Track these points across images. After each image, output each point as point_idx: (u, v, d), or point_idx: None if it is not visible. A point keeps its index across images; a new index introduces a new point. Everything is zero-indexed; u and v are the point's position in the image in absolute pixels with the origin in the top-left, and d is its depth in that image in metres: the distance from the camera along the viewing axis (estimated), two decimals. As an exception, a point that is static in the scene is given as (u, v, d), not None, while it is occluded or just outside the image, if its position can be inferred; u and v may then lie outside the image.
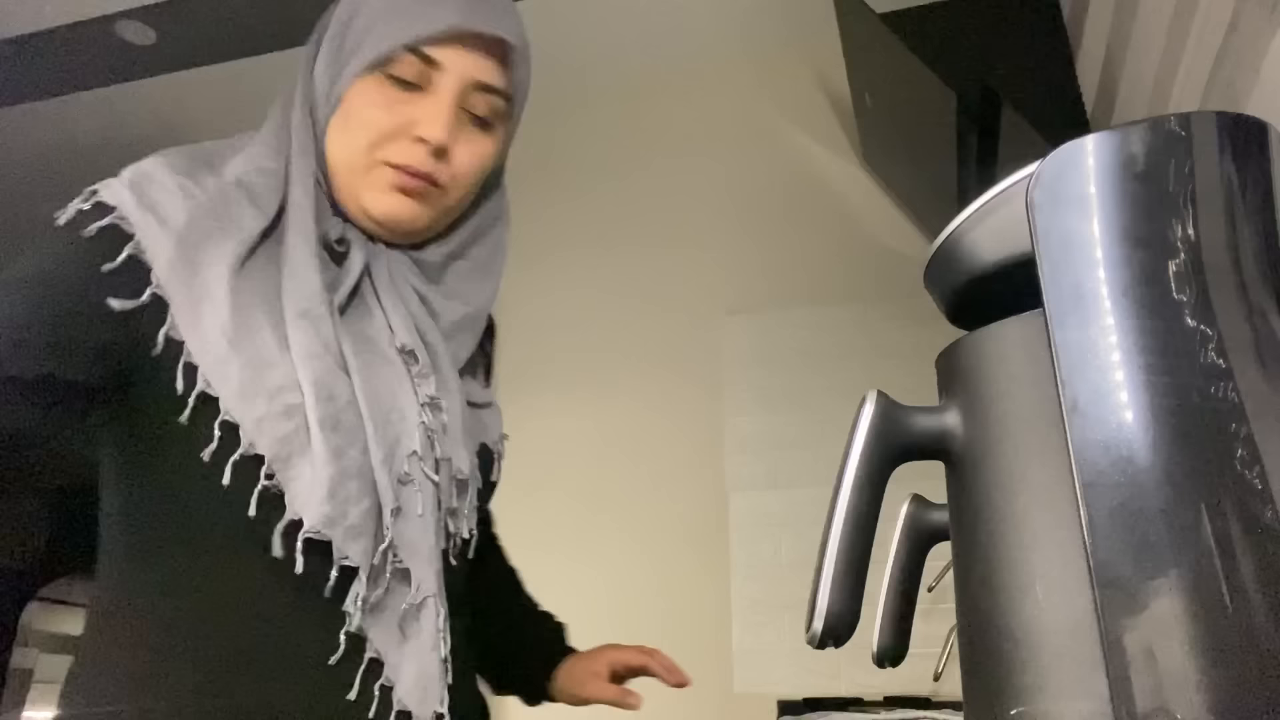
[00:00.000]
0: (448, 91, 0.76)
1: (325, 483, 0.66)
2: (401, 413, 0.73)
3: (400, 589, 0.70)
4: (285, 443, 0.67)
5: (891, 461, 0.56)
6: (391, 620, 0.70)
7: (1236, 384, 0.46)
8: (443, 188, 0.78)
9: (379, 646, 0.69)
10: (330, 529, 0.66)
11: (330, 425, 0.68)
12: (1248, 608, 0.43)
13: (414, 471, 0.72)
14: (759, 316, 2.29)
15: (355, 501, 0.68)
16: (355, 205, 0.77)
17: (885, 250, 2.22)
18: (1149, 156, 0.50)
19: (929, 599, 1.80)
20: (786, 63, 2.45)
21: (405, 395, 0.73)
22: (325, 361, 0.69)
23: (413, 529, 0.71)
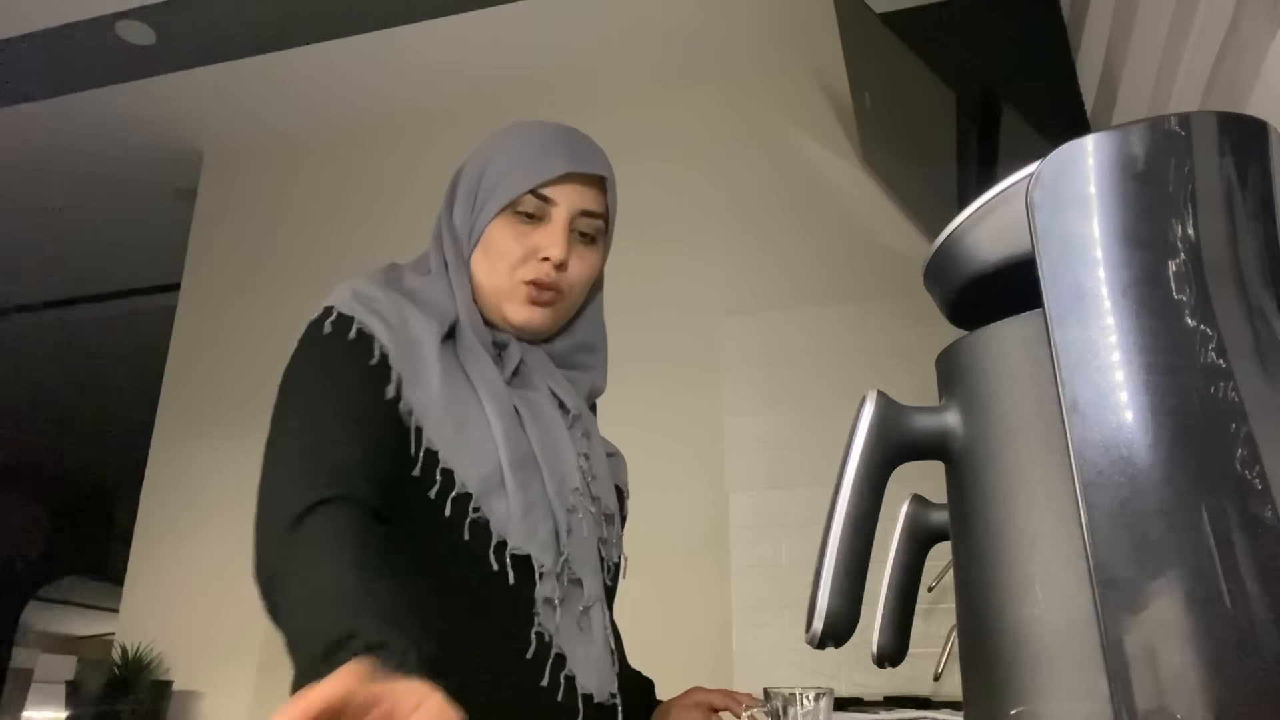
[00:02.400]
0: (561, 220, 0.96)
1: (519, 508, 0.85)
2: (565, 459, 0.92)
3: (575, 594, 0.87)
4: (486, 481, 0.85)
5: (891, 461, 0.56)
6: (570, 621, 0.86)
7: (1236, 384, 0.46)
8: (563, 294, 0.97)
9: (561, 643, 0.85)
10: (528, 544, 0.85)
11: (517, 466, 0.87)
12: (1248, 608, 0.43)
13: (577, 503, 0.91)
14: (759, 316, 2.29)
15: (542, 523, 0.87)
16: (499, 316, 0.96)
17: (885, 250, 2.22)
18: (1149, 156, 0.50)
19: (929, 599, 1.80)
20: (787, 63, 2.45)
21: (566, 446, 0.93)
22: (509, 420, 0.89)
23: (581, 547, 0.89)
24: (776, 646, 2.04)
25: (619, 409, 2.26)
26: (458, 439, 0.86)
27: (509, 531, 0.84)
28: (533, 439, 0.90)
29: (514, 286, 0.95)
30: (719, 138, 2.47)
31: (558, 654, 0.85)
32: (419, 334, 0.89)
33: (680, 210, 2.44)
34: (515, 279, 0.95)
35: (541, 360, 0.99)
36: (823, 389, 2.17)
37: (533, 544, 0.85)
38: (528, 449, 0.89)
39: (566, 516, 0.89)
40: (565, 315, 1.00)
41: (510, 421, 0.89)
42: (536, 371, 0.97)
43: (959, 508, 0.56)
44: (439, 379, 0.87)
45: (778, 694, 0.89)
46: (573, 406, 0.97)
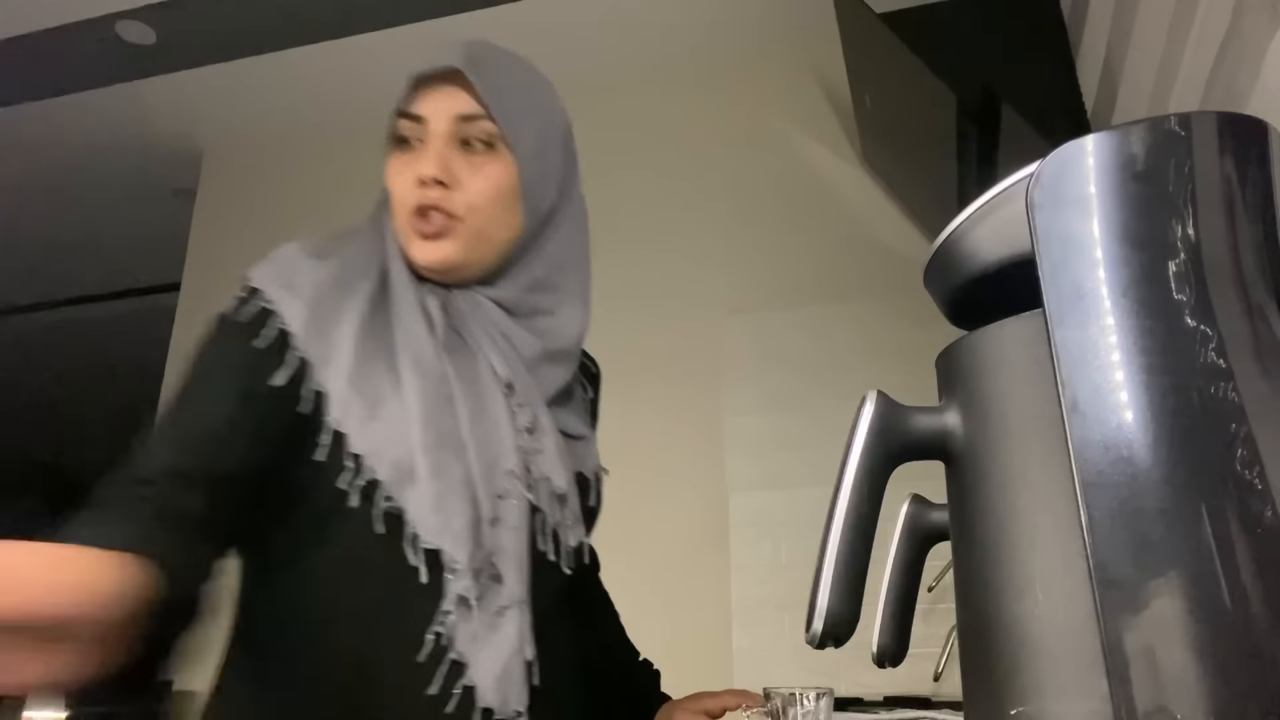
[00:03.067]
0: (437, 134, 0.84)
1: (431, 497, 0.76)
2: (500, 437, 0.82)
3: (493, 593, 0.78)
4: (398, 467, 0.76)
5: (891, 461, 0.56)
6: (483, 623, 0.77)
7: (1236, 384, 0.46)
8: (461, 218, 0.84)
9: (464, 648, 0.75)
10: (439, 537, 0.75)
11: (433, 447, 0.77)
12: (1248, 608, 0.43)
13: (509, 487, 0.80)
14: (759, 316, 2.29)
15: (459, 514, 0.76)
16: (412, 263, 0.86)
17: (885, 250, 2.22)
18: (1149, 156, 0.50)
19: (929, 599, 1.80)
20: (787, 63, 2.45)
21: (504, 423, 0.82)
22: (433, 394, 0.79)
23: (507, 539, 0.79)
24: (776, 646, 2.04)
25: (619, 409, 2.26)
26: (370, 419, 0.77)
27: (420, 523, 0.75)
28: (461, 415, 0.80)
29: (407, 223, 0.84)
30: (719, 138, 2.47)
31: (455, 661, 0.75)
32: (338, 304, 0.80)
33: (680, 210, 2.44)
34: (406, 214, 0.84)
35: (487, 310, 0.87)
36: (823, 389, 2.17)
37: (445, 537, 0.75)
38: (452, 427, 0.79)
39: (493, 504, 0.79)
40: (482, 246, 0.86)
41: (435, 395, 0.79)
42: (480, 330, 0.86)
43: (959, 508, 0.56)
44: (353, 353, 0.78)
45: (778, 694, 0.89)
46: (506, 375, 0.84)
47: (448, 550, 0.75)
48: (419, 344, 0.81)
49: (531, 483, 0.83)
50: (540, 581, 0.81)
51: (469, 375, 0.82)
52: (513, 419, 0.83)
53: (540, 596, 0.81)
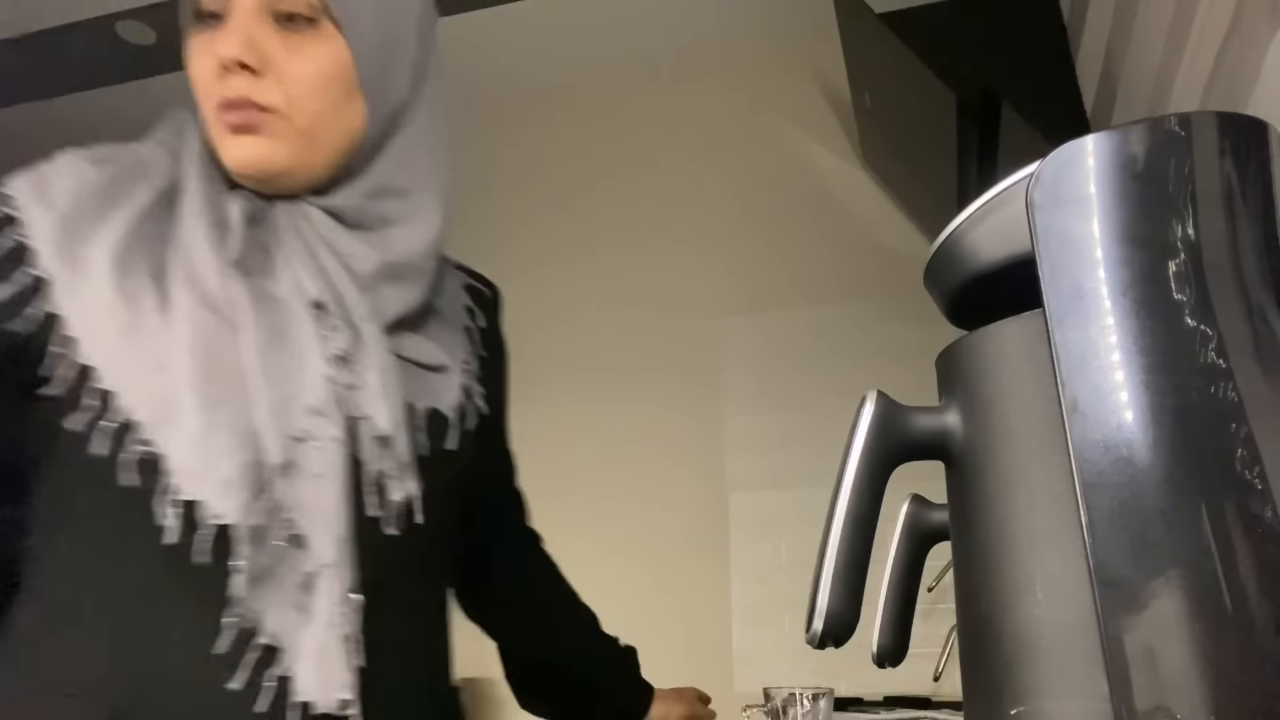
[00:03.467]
0: (243, 6, 0.69)
1: (189, 435, 0.62)
2: (303, 368, 0.68)
3: (293, 559, 0.64)
4: (160, 405, 0.63)
5: (891, 461, 0.56)
6: (285, 596, 0.64)
7: (1236, 384, 0.46)
8: (280, 112, 0.69)
9: (273, 630, 0.63)
10: (195, 485, 0.62)
11: (204, 379, 0.64)
12: (1248, 608, 0.43)
13: (314, 428, 0.67)
14: (759, 317, 2.29)
15: (228, 455, 0.63)
16: (222, 165, 0.71)
17: (885, 250, 2.22)
18: (1149, 156, 0.50)
19: (929, 599, 1.80)
20: (786, 63, 2.45)
21: (310, 350, 0.69)
22: (206, 318, 0.66)
23: (310, 491, 0.65)
24: (776, 646, 2.04)
25: (619, 409, 2.27)
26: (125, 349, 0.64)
27: (176, 468, 0.62)
28: (246, 344, 0.66)
29: (214, 118, 0.70)
30: (719, 138, 2.47)
31: (267, 646, 0.62)
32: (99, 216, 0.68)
33: (680, 210, 2.44)
34: (212, 107, 0.70)
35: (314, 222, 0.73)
36: (823, 389, 2.17)
37: (205, 484, 0.62)
38: (232, 358, 0.66)
39: (285, 446, 0.65)
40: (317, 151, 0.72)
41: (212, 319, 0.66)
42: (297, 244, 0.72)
43: (959, 508, 0.56)
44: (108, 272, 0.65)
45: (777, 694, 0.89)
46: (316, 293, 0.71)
47: (209, 501, 0.62)
48: (197, 259, 0.67)
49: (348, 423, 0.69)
50: (366, 544, 0.68)
51: (266, 296, 0.69)
52: (322, 346, 0.69)
53: (367, 562, 0.67)
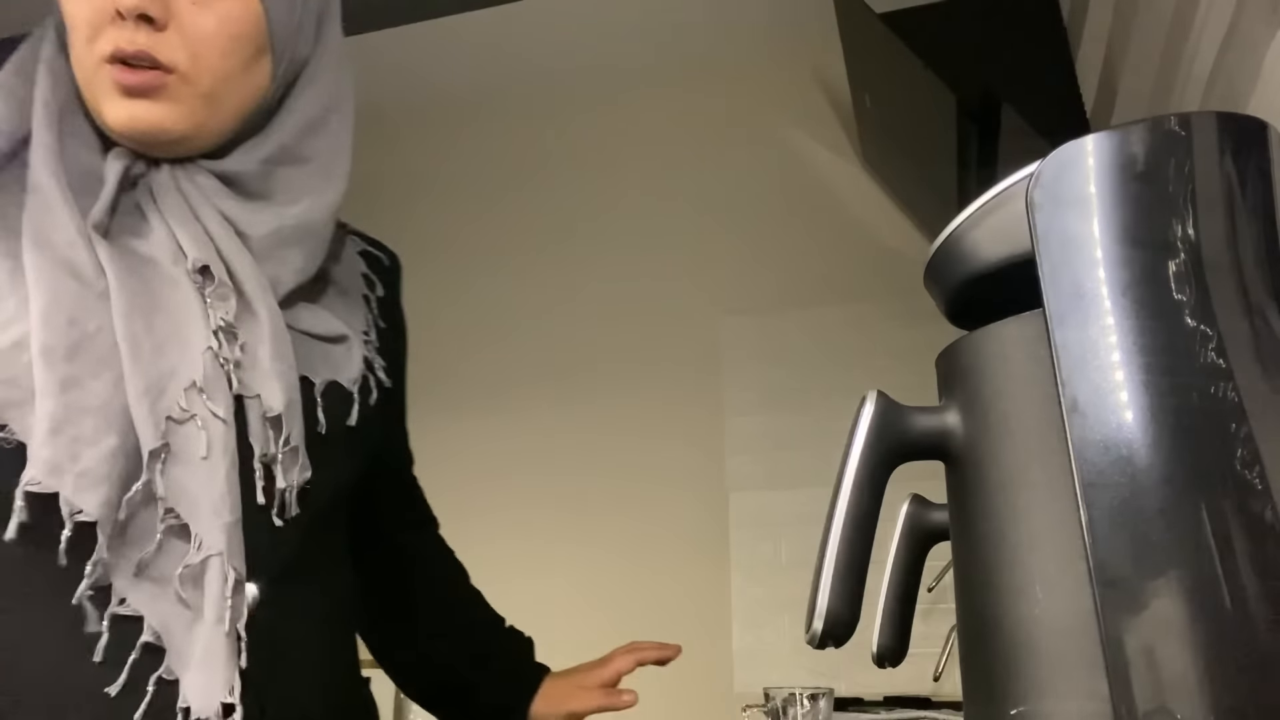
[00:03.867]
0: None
1: (46, 420, 0.56)
2: (184, 340, 0.62)
3: (178, 550, 0.59)
4: (16, 384, 0.57)
5: (891, 461, 0.56)
6: (167, 591, 0.58)
7: (1236, 384, 0.46)
8: (181, 73, 0.62)
9: (159, 629, 0.58)
10: (54, 477, 0.55)
11: (62, 355, 0.57)
12: (1248, 608, 0.43)
13: (194, 407, 0.60)
14: (759, 316, 2.29)
15: (91, 442, 0.57)
16: (102, 123, 0.64)
17: (885, 250, 2.22)
18: (1149, 156, 0.50)
19: (929, 599, 1.80)
20: (786, 63, 2.45)
21: (191, 320, 0.62)
22: (66, 285, 0.59)
23: (192, 476, 0.60)
24: (776, 646, 2.04)
25: (619, 409, 2.27)
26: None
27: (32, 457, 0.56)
28: (118, 313, 0.59)
29: (96, 71, 0.62)
30: (718, 137, 2.47)
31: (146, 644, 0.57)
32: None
33: (679, 210, 2.44)
34: (94, 58, 0.62)
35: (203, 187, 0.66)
36: (823, 389, 2.17)
37: (65, 476, 0.55)
38: (99, 327, 0.59)
39: (162, 429, 0.59)
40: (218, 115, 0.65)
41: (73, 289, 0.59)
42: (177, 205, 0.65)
43: (959, 508, 0.56)
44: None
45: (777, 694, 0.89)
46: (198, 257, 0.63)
47: (67, 495, 0.56)
48: (52, 222, 0.60)
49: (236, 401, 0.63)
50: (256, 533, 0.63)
51: (140, 262, 0.62)
52: (206, 316, 0.63)
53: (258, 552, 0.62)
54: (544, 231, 2.45)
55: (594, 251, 2.42)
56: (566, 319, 2.37)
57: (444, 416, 2.34)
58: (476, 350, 2.39)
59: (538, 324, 2.38)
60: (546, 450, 2.29)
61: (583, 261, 2.41)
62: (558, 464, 2.27)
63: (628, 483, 2.24)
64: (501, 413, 2.33)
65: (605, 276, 2.38)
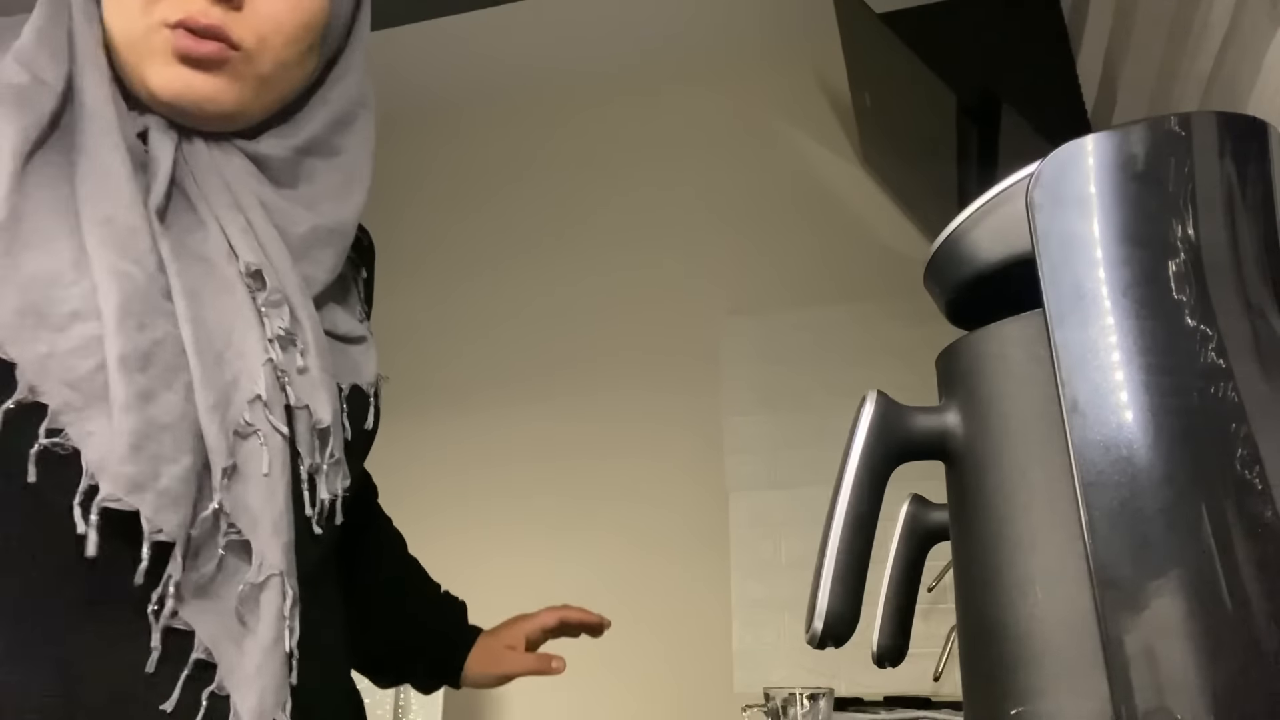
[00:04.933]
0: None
1: (127, 435, 0.52)
2: (241, 349, 0.59)
3: (237, 568, 0.57)
4: (79, 387, 0.53)
5: (891, 461, 0.56)
6: (226, 609, 0.57)
7: (1236, 384, 0.46)
8: (246, 51, 0.61)
9: (210, 646, 0.56)
10: (136, 495, 0.53)
11: (137, 363, 0.53)
12: (1248, 608, 0.43)
13: (258, 421, 0.58)
14: (759, 316, 2.29)
15: (171, 459, 0.54)
16: (142, 87, 0.60)
17: (885, 250, 2.22)
18: (1149, 156, 0.50)
19: (929, 599, 1.80)
20: (786, 63, 2.45)
21: (248, 328, 0.59)
22: (137, 282, 0.55)
23: (254, 492, 0.58)
24: (776, 646, 2.04)
25: (619, 408, 2.27)
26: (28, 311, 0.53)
27: (105, 472, 0.53)
28: (182, 315, 0.56)
29: (151, 31, 0.59)
30: (718, 137, 2.47)
31: (199, 661, 0.56)
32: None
33: (679, 210, 2.44)
34: (153, 18, 0.59)
35: (238, 169, 0.64)
36: (823, 389, 2.17)
37: (146, 494, 0.53)
38: (167, 332, 0.56)
39: (230, 444, 0.57)
40: (265, 92, 0.64)
41: (135, 284, 0.55)
42: (221, 192, 0.62)
43: (959, 508, 0.56)
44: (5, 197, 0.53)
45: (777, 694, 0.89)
46: (251, 261, 0.61)
47: (149, 515, 0.53)
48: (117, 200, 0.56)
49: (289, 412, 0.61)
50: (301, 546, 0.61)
51: (194, 258, 0.59)
52: (261, 324, 0.60)
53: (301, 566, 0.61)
54: (544, 231, 2.45)
55: (593, 251, 2.42)
56: (567, 318, 2.37)
57: (442, 415, 2.35)
58: (476, 349, 2.39)
59: (538, 323, 2.38)
60: (546, 449, 2.29)
61: (582, 261, 2.41)
62: (558, 463, 2.28)
63: (628, 482, 2.24)
64: (501, 412, 2.33)
65: (605, 276, 2.38)
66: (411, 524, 1.01)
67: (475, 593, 1.04)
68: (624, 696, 2.01)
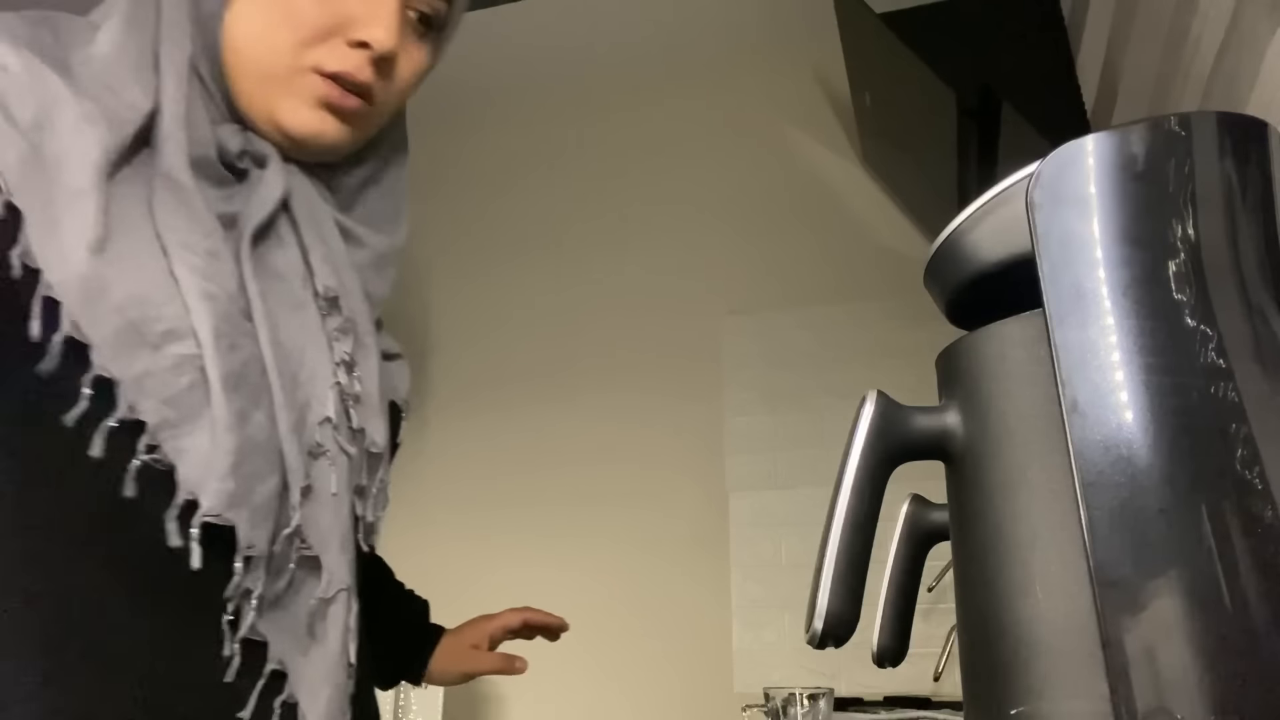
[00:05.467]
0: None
1: (229, 454, 0.54)
2: (313, 371, 0.60)
3: (307, 582, 0.59)
4: (175, 404, 0.54)
5: (891, 461, 0.56)
6: (296, 622, 0.59)
7: (1236, 384, 0.46)
8: (377, 106, 0.66)
9: (281, 656, 0.58)
10: (234, 511, 0.54)
11: (233, 385, 0.55)
12: (1248, 608, 0.43)
13: (327, 443, 0.60)
14: (759, 316, 2.29)
15: (263, 478, 0.56)
16: (265, 115, 0.63)
17: (885, 250, 2.22)
18: (1149, 156, 0.50)
19: (929, 599, 1.80)
20: (786, 63, 2.45)
21: (318, 351, 0.61)
22: (222, 303, 0.56)
23: (324, 511, 0.60)
24: (776, 646, 2.04)
25: (619, 408, 2.27)
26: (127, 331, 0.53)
27: (205, 489, 0.54)
28: (264, 337, 0.58)
29: (299, 73, 0.62)
30: (718, 137, 2.47)
31: (275, 671, 0.58)
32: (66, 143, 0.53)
33: (680, 210, 2.44)
34: (305, 61, 0.62)
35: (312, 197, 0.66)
36: (823, 389, 2.17)
37: (242, 511, 0.55)
38: (252, 354, 0.57)
39: (305, 464, 0.59)
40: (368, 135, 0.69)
41: (224, 306, 0.56)
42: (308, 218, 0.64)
43: (959, 508, 0.56)
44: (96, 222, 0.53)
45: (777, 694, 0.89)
46: (330, 285, 0.63)
47: (243, 531, 0.55)
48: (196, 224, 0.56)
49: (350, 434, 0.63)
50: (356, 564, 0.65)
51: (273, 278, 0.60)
52: (330, 347, 0.62)
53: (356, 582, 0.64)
54: (544, 231, 2.45)
55: (593, 251, 2.42)
56: (567, 318, 2.37)
57: (441, 417, 2.35)
58: (476, 349, 2.40)
59: (539, 323, 2.38)
60: (546, 448, 2.29)
61: (582, 260, 2.41)
62: (558, 462, 2.27)
63: (628, 482, 2.24)
64: (500, 411, 2.33)
65: (605, 275, 2.38)
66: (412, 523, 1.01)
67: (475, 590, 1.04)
68: (624, 696, 2.01)
